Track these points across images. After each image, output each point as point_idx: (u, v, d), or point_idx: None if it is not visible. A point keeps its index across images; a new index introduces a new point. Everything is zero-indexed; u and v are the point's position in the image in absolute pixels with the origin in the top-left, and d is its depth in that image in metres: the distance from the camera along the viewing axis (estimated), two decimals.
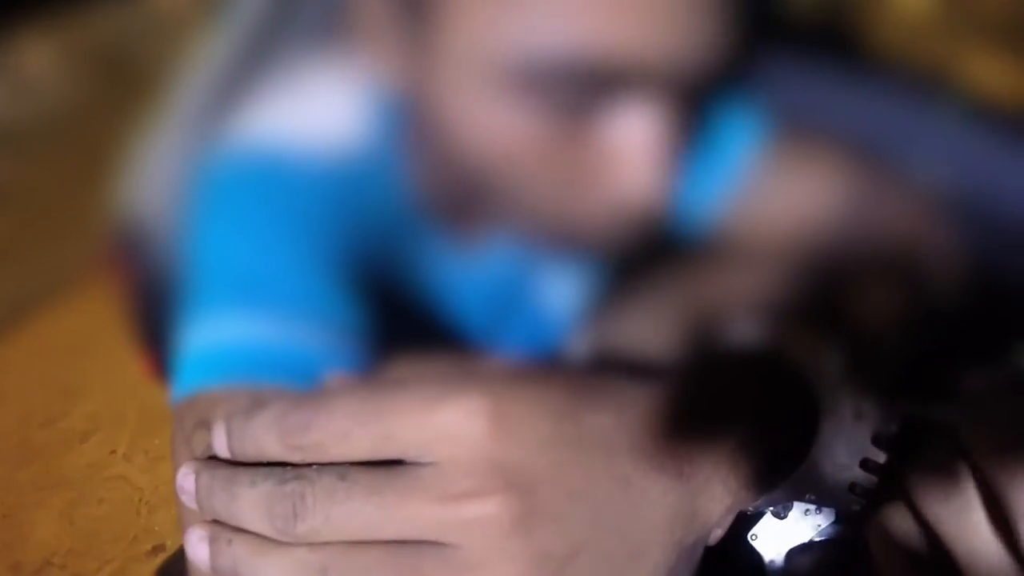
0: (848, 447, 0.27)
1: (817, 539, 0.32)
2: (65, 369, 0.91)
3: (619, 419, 0.24)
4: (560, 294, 0.48)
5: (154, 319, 0.44)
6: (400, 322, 0.42)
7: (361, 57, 0.37)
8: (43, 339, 0.89)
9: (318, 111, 0.39)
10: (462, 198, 0.41)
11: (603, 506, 0.23)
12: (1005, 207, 0.45)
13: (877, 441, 0.27)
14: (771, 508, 0.29)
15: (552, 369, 0.26)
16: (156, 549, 0.76)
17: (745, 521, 0.32)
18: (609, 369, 0.33)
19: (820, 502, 0.28)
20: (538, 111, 0.32)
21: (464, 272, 0.45)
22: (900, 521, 0.24)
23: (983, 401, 0.23)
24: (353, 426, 0.22)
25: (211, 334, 0.33)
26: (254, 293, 0.33)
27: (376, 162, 0.39)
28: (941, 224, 0.42)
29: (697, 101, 0.34)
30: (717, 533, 0.34)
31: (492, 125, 0.33)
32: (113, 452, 0.85)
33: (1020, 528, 0.21)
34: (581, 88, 0.32)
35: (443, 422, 0.22)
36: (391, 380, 0.24)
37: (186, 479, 0.24)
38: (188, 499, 0.24)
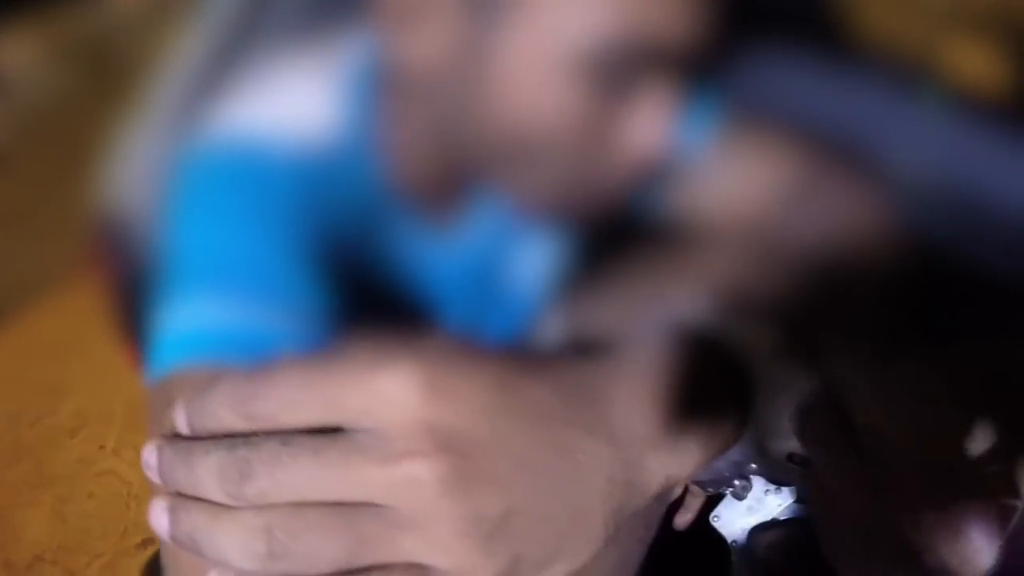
0: (784, 420, 0.29)
1: (780, 518, 0.33)
2: (51, 367, 0.91)
3: (556, 390, 0.25)
4: (534, 273, 0.49)
5: (136, 310, 0.44)
6: (377, 305, 0.43)
7: (392, 33, 0.39)
8: (28, 338, 0.89)
9: (292, 103, 0.40)
10: (452, 169, 0.43)
11: (539, 470, 0.25)
12: (988, 198, 0.45)
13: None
14: (730, 489, 0.30)
15: (491, 345, 0.27)
16: (145, 542, 0.76)
17: (707, 503, 0.33)
18: (582, 352, 0.35)
19: (761, 473, 0.29)
20: (582, 89, 0.37)
21: (439, 254, 0.46)
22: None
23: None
24: (298, 394, 0.24)
25: (182, 318, 0.34)
26: (222, 278, 0.35)
27: (349, 149, 0.40)
28: (886, 212, 0.43)
29: (691, 70, 0.39)
30: (687, 518, 0.35)
31: (543, 99, 0.37)
32: (102, 447, 0.85)
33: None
34: (621, 67, 0.36)
35: (379, 388, 0.23)
36: (337, 352, 0.25)
37: (150, 455, 0.25)
38: (153, 474, 0.25)
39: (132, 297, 0.44)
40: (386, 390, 0.23)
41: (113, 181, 0.43)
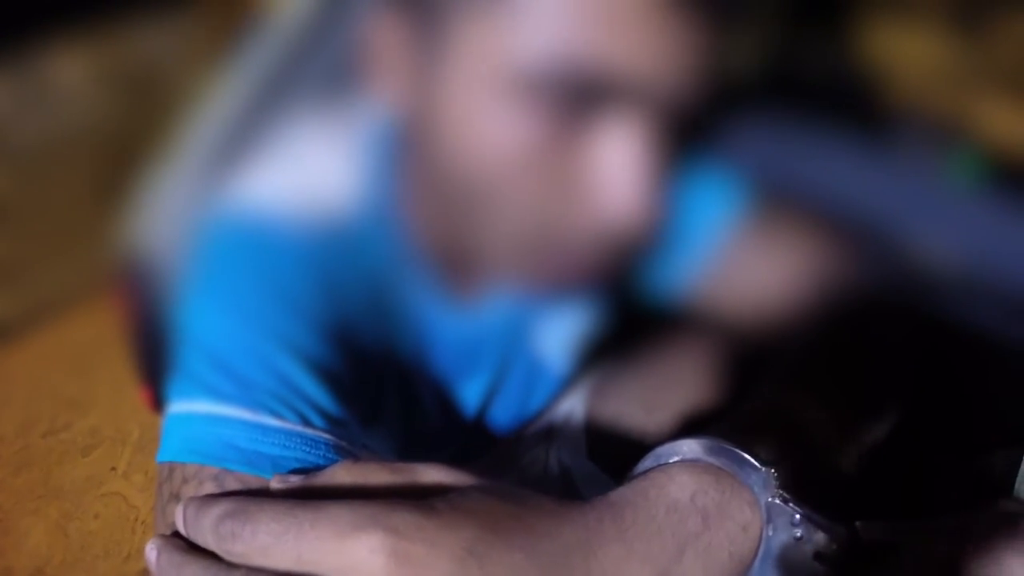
0: (792, 564, 0.28)
1: None
2: (72, 381, 0.91)
3: (534, 556, 0.25)
4: (557, 343, 0.48)
5: (150, 355, 0.44)
6: (396, 383, 0.42)
7: (374, 89, 0.38)
8: (51, 349, 0.90)
9: (311, 170, 0.40)
10: (456, 235, 0.41)
11: None
12: (1013, 278, 0.44)
13: (819, 558, 0.29)
14: None
15: (470, 502, 0.27)
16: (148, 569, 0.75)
17: None
18: (598, 438, 0.33)
19: None
20: (532, 117, 0.34)
21: (461, 322, 0.45)
22: None
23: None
24: (272, 544, 0.26)
25: (186, 410, 0.35)
26: (226, 379, 0.35)
27: (370, 218, 0.40)
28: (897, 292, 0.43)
29: (682, 127, 0.36)
30: None
31: (490, 129, 0.35)
32: (113, 469, 0.85)
33: None
34: (572, 97, 0.34)
35: (348, 554, 0.25)
36: (314, 501, 0.27)
37: (151, 553, 0.29)
38: (152, 568, 0.29)
39: (146, 341, 0.44)
40: (354, 556, 0.25)
41: (140, 215, 0.43)
